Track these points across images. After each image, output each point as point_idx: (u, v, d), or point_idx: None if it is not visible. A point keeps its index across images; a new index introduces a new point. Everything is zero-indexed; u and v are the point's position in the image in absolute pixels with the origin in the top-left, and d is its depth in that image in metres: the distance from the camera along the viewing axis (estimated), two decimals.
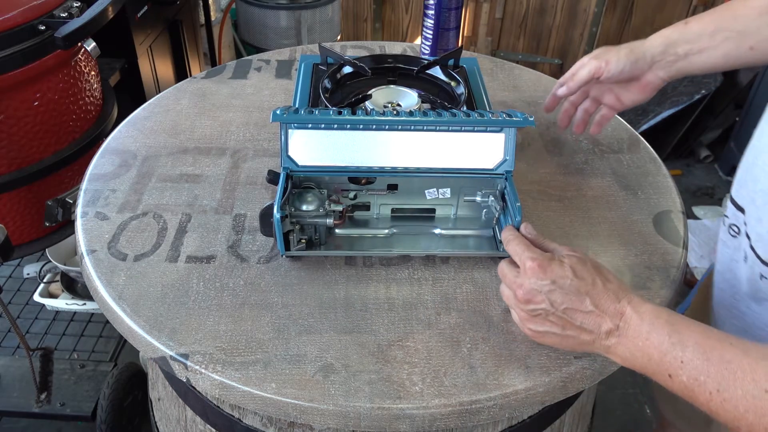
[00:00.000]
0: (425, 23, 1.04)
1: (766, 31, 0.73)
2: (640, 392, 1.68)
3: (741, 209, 0.67)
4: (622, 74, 0.79)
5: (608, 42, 2.67)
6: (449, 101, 0.86)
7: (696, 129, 2.43)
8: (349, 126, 0.71)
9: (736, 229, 0.69)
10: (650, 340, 0.54)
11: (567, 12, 2.65)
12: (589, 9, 2.60)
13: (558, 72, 2.76)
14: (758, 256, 0.63)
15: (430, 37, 1.05)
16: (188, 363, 0.63)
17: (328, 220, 0.72)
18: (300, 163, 0.73)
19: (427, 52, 1.07)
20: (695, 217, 2.24)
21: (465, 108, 0.81)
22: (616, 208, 0.85)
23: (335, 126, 0.71)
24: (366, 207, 0.78)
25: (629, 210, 0.85)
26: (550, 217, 0.83)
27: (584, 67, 0.80)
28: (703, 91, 2.29)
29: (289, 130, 0.71)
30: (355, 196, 0.77)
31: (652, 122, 2.36)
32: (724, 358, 0.50)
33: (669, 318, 0.54)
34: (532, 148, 0.96)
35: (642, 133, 1.00)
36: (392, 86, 0.87)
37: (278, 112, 0.70)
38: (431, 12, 1.02)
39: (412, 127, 0.72)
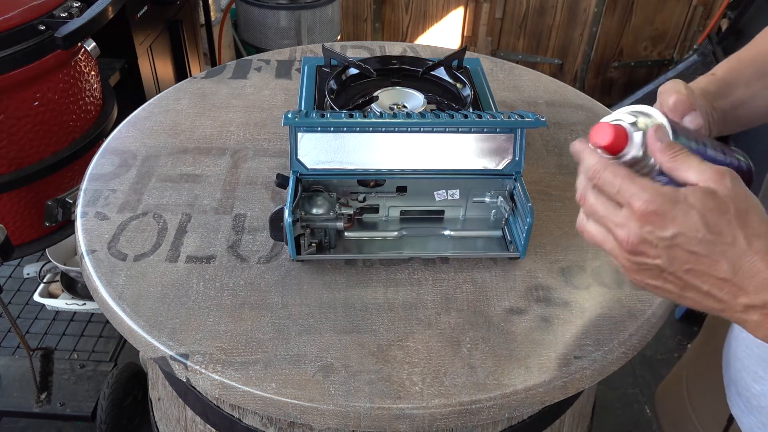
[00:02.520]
0: None
1: None
2: (640, 392, 1.68)
3: None
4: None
5: (608, 42, 2.67)
6: (455, 102, 0.86)
7: None
8: (358, 128, 0.71)
9: None
10: None
11: (567, 12, 2.64)
12: (589, 9, 2.60)
13: (558, 72, 2.76)
14: None
15: None
16: (188, 363, 0.63)
17: (338, 224, 0.72)
18: (309, 167, 0.72)
19: None
20: None
21: (471, 109, 0.81)
22: None
23: (344, 129, 0.71)
24: (375, 209, 0.78)
25: None
26: (550, 217, 0.83)
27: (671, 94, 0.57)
28: None
29: (299, 134, 0.71)
30: (364, 199, 0.77)
31: None
32: None
33: None
34: (532, 148, 0.96)
35: None
36: (398, 88, 0.86)
37: (289, 115, 0.69)
38: None
39: (422, 129, 0.71)
